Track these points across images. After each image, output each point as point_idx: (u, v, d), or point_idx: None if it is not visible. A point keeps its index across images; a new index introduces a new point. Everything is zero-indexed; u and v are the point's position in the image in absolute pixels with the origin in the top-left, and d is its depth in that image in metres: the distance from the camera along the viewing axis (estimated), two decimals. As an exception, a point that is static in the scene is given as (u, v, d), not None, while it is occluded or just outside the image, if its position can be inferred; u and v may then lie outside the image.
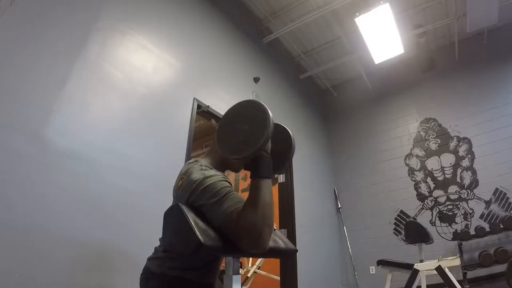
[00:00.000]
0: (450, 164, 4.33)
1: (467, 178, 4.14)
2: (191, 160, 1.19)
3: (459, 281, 2.66)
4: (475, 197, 4.01)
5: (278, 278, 3.59)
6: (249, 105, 0.99)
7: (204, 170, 1.06)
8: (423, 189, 4.43)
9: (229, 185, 1.02)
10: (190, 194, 0.99)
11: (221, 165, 1.19)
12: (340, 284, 4.49)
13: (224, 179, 1.02)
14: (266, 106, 0.92)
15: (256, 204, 0.88)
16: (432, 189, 4.36)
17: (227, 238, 0.89)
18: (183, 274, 1.06)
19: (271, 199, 0.92)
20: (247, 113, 0.96)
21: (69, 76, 1.94)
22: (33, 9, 1.88)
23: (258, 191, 0.90)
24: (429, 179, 4.43)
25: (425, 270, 2.72)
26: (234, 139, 0.94)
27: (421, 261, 2.80)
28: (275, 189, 4.41)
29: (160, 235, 1.15)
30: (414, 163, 4.63)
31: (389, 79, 5.31)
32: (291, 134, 1.13)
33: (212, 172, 1.05)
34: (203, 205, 0.95)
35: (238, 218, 0.88)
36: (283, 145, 1.12)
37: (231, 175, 4.97)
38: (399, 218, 4.45)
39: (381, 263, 3.16)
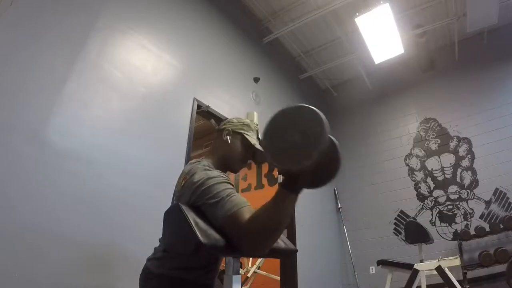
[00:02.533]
0: (450, 164, 4.33)
1: (467, 178, 4.14)
2: (193, 161, 1.20)
3: (459, 281, 2.66)
4: (475, 197, 4.00)
5: (278, 278, 3.59)
6: (302, 110, 0.82)
7: (208, 170, 1.06)
8: (423, 189, 4.42)
9: (232, 186, 1.02)
10: (192, 194, 0.99)
11: (222, 166, 1.21)
12: (340, 284, 4.49)
13: (227, 180, 1.03)
14: (323, 116, 0.78)
15: (274, 216, 0.85)
16: (432, 189, 4.36)
17: (228, 238, 0.89)
18: (182, 274, 1.06)
19: (289, 216, 0.88)
20: (300, 121, 0.81)
21: (69, 76, 1.94)
22: (33, 9, 1.88)
23: (282, 204, 0.85)
24: (429, 179, 4.42)
25: (425, 270, 2.73)
26: (283, 148, 0.81)
27: (421, 261, 2.80)
28: (275, 189, 4.41)
29: (160, 235, 1.15)
30: (414, 163, 4.63)
31: (389, 79, 5.31)
32: (339, 150, 0.90)
33: (216, 173, 1.05)
34: (204, 204, 0.96)
35: (248, 221, 0.86)
36: (327, 160, 0.87)
37: (230, 175, 4.97)
38: (399, 218, 4.45)
39: (381, 263, 3.16)
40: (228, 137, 1.25)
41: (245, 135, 1.26)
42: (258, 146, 1.24)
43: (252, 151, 1.27)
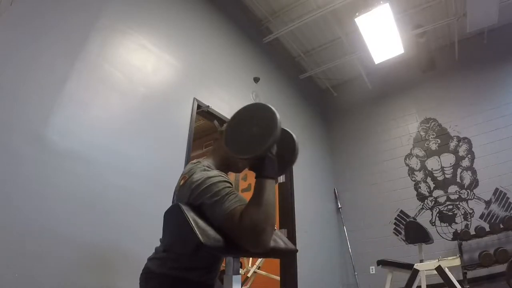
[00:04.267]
0: (450, 164, 4.33)
1: (467, 178, 4.14)
2: (194, 161, 1.20)
3: (459, 281, 2.66)
4: (475, 197, 4.00)
5: (278, 278, 3.59)
6: (257, 107, 1.00)
7: (207, 171, 1.06)
8: (423, 189, 4.43)
9: (231, 185, 1.02)
10: (191, 193, 0.99)
11: (224, 166, 1.20)
12: (340, 284, 4.49)
13: (225, 179, 1.03)
14: (275, 109, 0.94)
15: (259, 204, 0.89)
16: (432, 189, 4.36)
17: (228, 238, 0.89)
18: (183, 274, 1.06)
19: (274, 199, 0.93)
20: (256, 115, 0.97)
21: (69, 76, 1.94)
22: (33, 9, 1.88)
23: (262, 191, 0.90)
24: (429, 179, 4.43)
25: (425, 270, 2.72)
26: (243, 140, 0.95)
27: (421, 261, 2.80)
28: (275, 189, 4.41)
29: (160, 235, 1.15)
30: (414, 163, 4.63)
31: (389, 79, 5.31)
32: (295, 139, 1.15)
33: (215, 172, 1.05)
34: (203, 204, 0.96)
35: (241, 217, 0.88)
36: (287, 149, 1.14)
37: (231, 175, 4.97)
38: (399, 218, 4.45)
39: (381, 263, 3.16)
40: None
41: None
42: None
43: None
